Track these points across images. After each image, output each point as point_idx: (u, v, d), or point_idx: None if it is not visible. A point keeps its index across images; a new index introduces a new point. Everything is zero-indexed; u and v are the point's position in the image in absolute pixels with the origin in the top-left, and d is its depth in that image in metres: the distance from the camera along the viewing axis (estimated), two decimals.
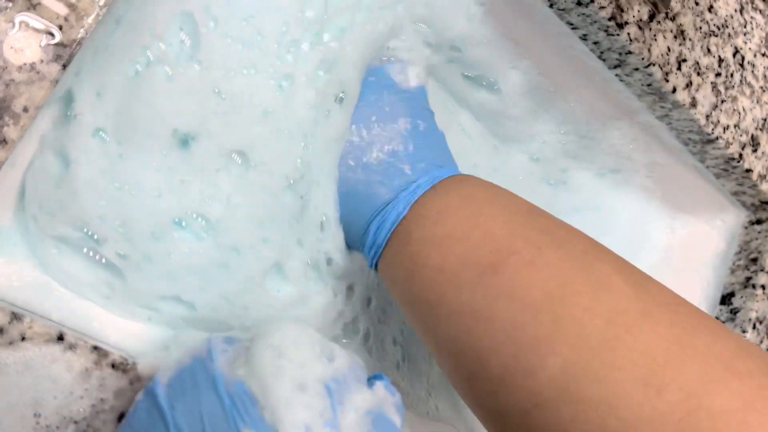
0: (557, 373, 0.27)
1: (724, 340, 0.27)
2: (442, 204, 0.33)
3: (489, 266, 0.30)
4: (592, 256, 0.30)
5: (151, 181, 0.31)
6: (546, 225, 0.32)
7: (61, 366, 0.29)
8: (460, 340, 0.30)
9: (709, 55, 0.49)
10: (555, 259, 0.29)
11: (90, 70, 0.31)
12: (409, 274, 0.32)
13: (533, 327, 0.28)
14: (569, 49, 0.46)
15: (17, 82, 0.28)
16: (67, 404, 0.29)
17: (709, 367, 0.26)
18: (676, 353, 0.26)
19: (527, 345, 0.28)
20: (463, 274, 0.30)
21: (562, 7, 0.44)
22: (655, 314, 0.28)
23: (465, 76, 0.45)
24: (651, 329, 0.27)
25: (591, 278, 0.29)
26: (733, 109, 0.51)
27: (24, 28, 0.28)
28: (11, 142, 0.28)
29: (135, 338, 0.33)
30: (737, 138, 0.51)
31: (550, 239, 0.31)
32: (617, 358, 0.26)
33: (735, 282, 0.57)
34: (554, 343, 0.27)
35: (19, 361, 0.29)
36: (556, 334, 0.27)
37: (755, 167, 0.53)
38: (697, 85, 0.48)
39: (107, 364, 0.30)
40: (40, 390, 0.29)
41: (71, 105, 0.31)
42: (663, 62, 0.46)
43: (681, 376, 0.25)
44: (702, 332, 0.27)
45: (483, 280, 0.30)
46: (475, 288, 0.30)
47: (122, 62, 0.30)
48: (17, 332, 0.29)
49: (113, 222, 0.30)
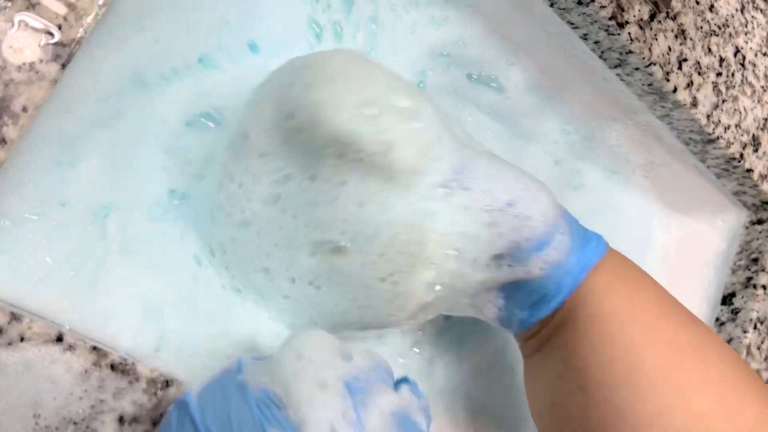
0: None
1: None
2: (628, 281, 0.35)
3: (689, 347, 0.33)
4: (730, 373, 0.33)
5: None
6: (683, 323, 0.34)
7: (61, 366, 0.29)
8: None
9: (710, 55, 0.49)
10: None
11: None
12: (589, 350, 0.33)
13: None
14: (570, 49, 0.46)
15: (16, 82, 0.28)
16: (66, 405, 0.29)
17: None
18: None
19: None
20: (657, 353, 0.32)
21: (562, 6, 0.44)
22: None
23: (470, 77, 0.45)
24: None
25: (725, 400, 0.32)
26: (734, 108, 0.51)
27: (23, 27, 0.28)
28: (11, 141, 0.28)
29: (137, 339, 0.32)
30: (738, 138, 0.51)
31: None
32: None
33: (736, 282, 0.57)
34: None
35: (18, 362, 0.29)
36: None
37: (756, 167, 0.53)
38: (698, 85, 0.48)
39: (107, 364, 0.30)
40: (40, 391, 0.29)
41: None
42: (664, 62, 0.46)
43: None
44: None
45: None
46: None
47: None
48: (16, 332, 0.29)
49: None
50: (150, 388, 0.31)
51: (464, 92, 0.45)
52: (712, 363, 0.33)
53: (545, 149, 0.49)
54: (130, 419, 0.30)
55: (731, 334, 0.54)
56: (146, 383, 0.31)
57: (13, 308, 0.29)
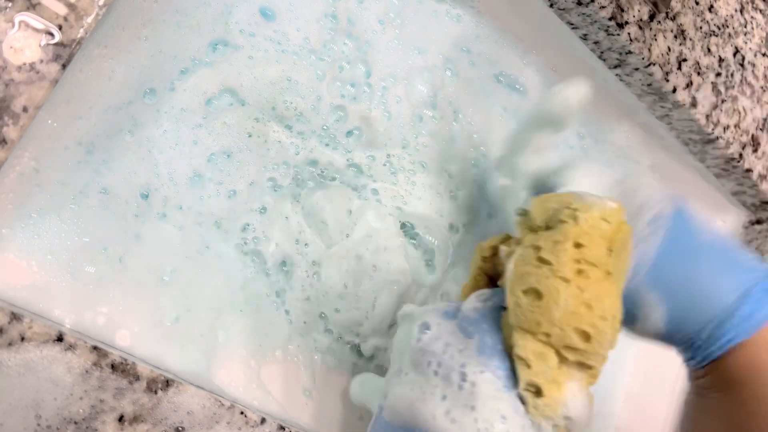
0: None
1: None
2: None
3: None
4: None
5: None
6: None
7: (62, 367, 0.29)
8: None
9: (710, 55, 0.49)
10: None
11: None
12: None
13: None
14: (569, 49, 0.46)
15: (17, 82, 0.28)
16: (67, 405, 0.29)
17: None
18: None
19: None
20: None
21: (562, 6, 0.44)
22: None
23: (498, 79, 0.44)
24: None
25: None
26: (733, 108, 0.51)
27: (24, 27, 0.28)
28: (11, 142, 0.28)
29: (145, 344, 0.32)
30: (737, 138, 0.51)
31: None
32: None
33: None
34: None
35: (19, 363, 0.29)
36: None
37: (755, 167, 0.53)
38: (698, 85, 0.48)
39: (107, 364, 0.30)
40: (41, 391, 0.29)
41: None
42: (663, 62, 0.46)
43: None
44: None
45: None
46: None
47: None
48: (17, 332, 0.29)
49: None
50: (150, 387, 0.31)
51: (493, 93, 0.45)
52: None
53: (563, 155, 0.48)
54: (131, 419, 0.30)
55: None
56: (146, 383, 0.31)
57: (14, 308, 0.29)
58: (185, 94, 0.35)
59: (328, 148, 0.39)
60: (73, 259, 0.32)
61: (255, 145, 0.37)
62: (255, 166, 0.37)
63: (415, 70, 0.41)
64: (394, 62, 0.41)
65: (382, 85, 0.40)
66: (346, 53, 0.39)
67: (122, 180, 0.33)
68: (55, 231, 0.31)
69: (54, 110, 0.31)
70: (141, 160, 0.34)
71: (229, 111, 0.36)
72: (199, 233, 0.35)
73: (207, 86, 0.36)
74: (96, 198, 0.33)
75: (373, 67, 0.40)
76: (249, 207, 0.36)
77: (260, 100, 0.37)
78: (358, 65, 0.40)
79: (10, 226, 0.30)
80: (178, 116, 0.35)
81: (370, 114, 0.40)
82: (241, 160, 0.36)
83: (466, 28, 0.44)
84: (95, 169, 0.33)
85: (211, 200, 0.35)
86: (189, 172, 0.35)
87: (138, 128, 0.34)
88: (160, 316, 0.33)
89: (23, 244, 0.31)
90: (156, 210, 0.34)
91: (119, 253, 0.33)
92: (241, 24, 0.37)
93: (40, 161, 0.31)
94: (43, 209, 0.31)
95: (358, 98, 0.40)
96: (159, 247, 0.34)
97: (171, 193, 0.34)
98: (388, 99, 0.40)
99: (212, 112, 0.36)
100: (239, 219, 0.36)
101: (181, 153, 0.35)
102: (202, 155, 0.35)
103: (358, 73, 0.40)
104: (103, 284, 0.32)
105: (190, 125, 0.35)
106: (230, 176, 0.36)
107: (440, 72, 0.42)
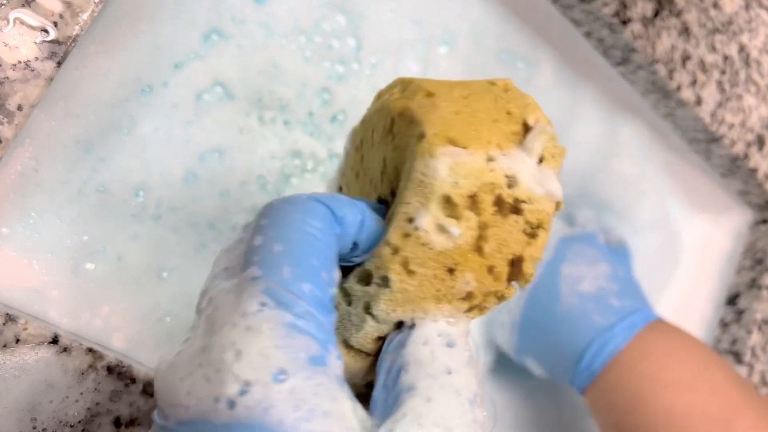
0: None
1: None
2: (668, 347, 0.37)
3: (721, 420, 0.35)
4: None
5: None
6: (750, 389, 0.37)
7: (57, 369, 0.29)
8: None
9: (714, 53, 0.49)
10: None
11: None
12: (632, 406, 0.36)
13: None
14: (573, 46, 0.46)
15: (12, 80, 0.27)
16: (62, 408, 0.29)
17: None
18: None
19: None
20: (693, 421, 0.35)
21: (565, 3, 0.43)
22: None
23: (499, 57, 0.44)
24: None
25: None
26: (738, 107, 0.50)
27: (19, 25, 0.28)
28: (6, 141, 0.28)
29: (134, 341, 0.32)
30: (742, 136, 0.51)
31: (761, 406, 0.36)
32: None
33: (741, 282, 0.56)
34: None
35: (14, 365, 0.28)
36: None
37: (761, 166, 0.52)
38: (702, 83, 0.48)
39: (102, 366, 0.30)
40: (36, 394, 0.28)
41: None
42: (667, 59, 0.46)
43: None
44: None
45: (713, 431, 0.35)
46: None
47: None
48: (12, 334, 0.28)
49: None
50: (146, 390, 0.31)
51: (492, 74, 0.44)
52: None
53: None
54: (127, 422, 0.30)
55: (735, 335, 0.54)
56: (142, 385, 0.31)
57: (9, 309, 0.29)
58: (177, 89, 0.35)
59: (312, 137, 0.38)
60: (73, 258, 0.31)
61: (245, 141, 0.36)
62: (245, 164, 0.36)
63: (408, 44, 0.41)
64: (386, 34, 0.40)
65: (371, 61, 0.40)
66: (336, 30, 0.39)
67: (120, 178, 0.33)
68: (54, 230, 0.31)
69: (51, 108, 0.31)
70: (136, 158, 0.33)
71: (218, 106, 0.36)
72: (195, 233, 0.35)
73: (198, 80, 0.35)
74: (95, 196, 0.32)
75: (363, 40, 0.40)
76: (241, 207, 0.36)
77: (248, 92, 0.36)
78: (348, 40, 0.39)
79: (10, 225, 0.30)
80: (170, 113, 0.34)
81: (357, 96, 0.39)
82: (233, 158, 0.36)
83: (469, 3, 0.43)
84: (93, 167, 0.32)
85: (204, 201, 0.35)
86: (182, 172, 0.35)
87: (135, 126, 0.33)
88: (160, 314, 0.33)
89: (23, 244, 0.30)
90: (150, 211, 0.34)
91: (119, 252, 0.33)
92: (233, 11, 0.36)
93: (39, 160, 0.31)
94: (42, 209, 0.31)
95: (345, 78, 0.39)
96: (157, 245, 0.34)
97: (165, 194, 0.34)
98: (376, 79, 0.40)
99: (203, 108, 0.35)
100: (232, 219, 0.36)
101: (174, 152, 0.34)
102: (195, 154, 0.35)
103: (347, 49, 0.39)
104: (102, 283, 0.32)
105: (182, 122, 0.35)
106: (223, 175, 0.36)
107: (435, 47, 0.42)
